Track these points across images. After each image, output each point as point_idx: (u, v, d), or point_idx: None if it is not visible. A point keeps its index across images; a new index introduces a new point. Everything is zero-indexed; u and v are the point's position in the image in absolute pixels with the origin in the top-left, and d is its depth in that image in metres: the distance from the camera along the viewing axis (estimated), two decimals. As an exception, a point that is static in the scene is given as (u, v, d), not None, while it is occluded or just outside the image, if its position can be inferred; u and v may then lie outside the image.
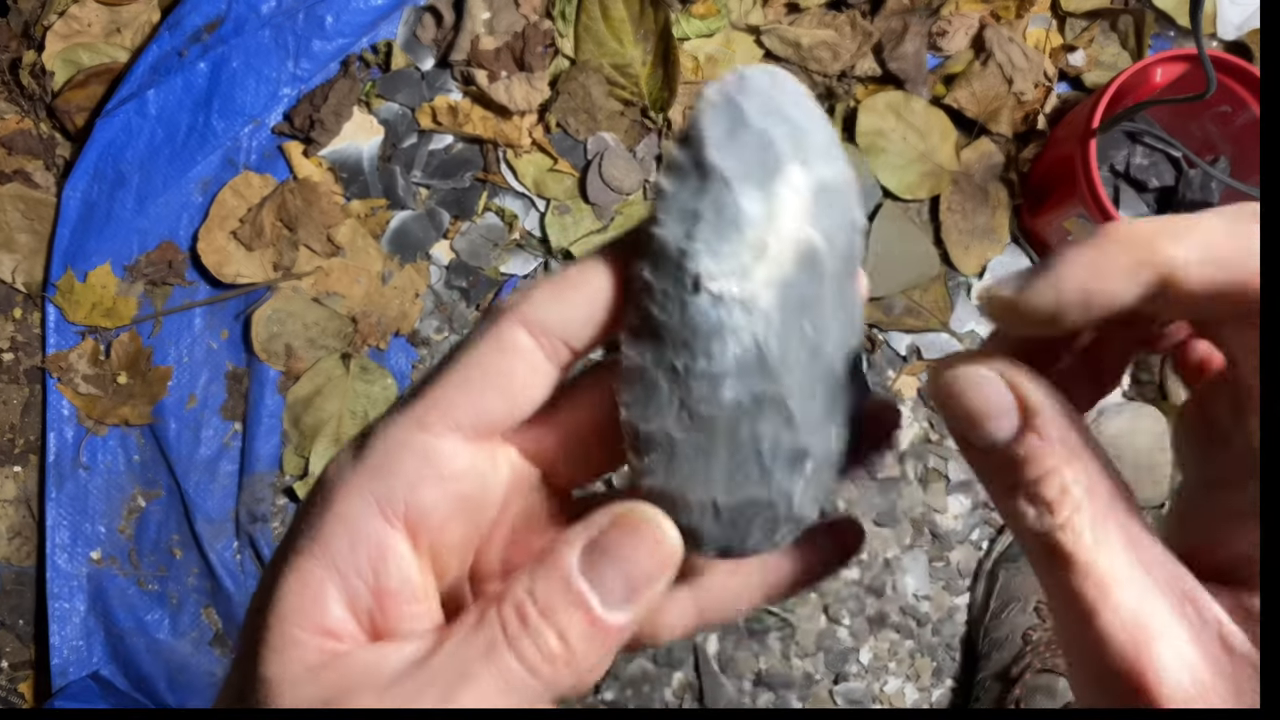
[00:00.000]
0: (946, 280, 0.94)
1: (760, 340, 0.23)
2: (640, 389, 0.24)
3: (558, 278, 0.24)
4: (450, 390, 0.24)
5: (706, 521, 0.24)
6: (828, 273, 0.23)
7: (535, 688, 0.22)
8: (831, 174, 0.23)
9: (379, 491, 0.23)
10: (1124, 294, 0.20)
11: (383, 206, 0.95)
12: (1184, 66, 0.85)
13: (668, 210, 0.23)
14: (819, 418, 0.24)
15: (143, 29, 0.96)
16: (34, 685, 0.92)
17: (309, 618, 0.23)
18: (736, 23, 0.94)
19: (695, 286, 0.22)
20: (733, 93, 0.23)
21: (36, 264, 0.94)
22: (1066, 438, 0.22)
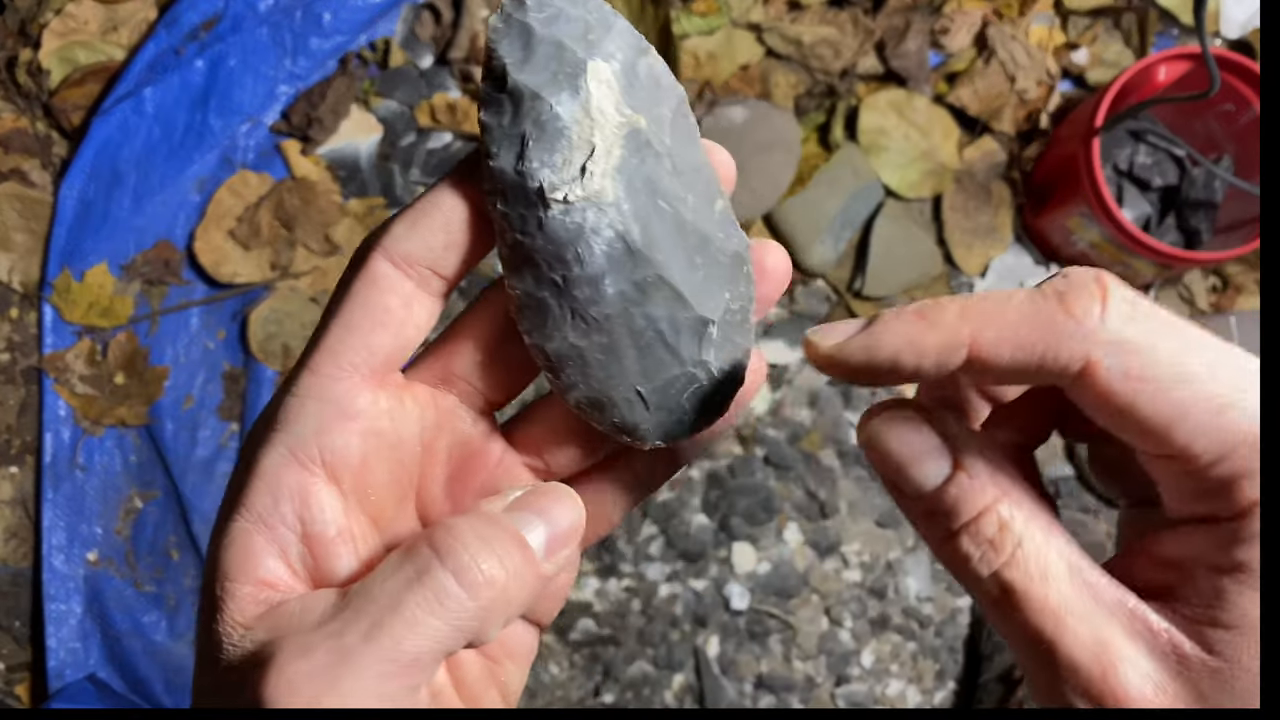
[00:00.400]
0: (949, 280, 0.93)
1: (621, 230, 0.24)
2: (533, 313, 0.25)
3: (412, 208, 0.24)
4: (335, 334, 0.24)
5: (639, 413, 0.26)
6: (661, 148, 0.24)
7: (470, 608, 0.22)
8: (631, 55, 0.24)
9: (290, 442, 0.24)
10: (931, 369, 0.22)
11: (381, 205, 0.94)
12: (1187, 65, 0.84)
13: (495, 141, 0.24)
14: (706, 284, 0.25)
15: (140, 27, 0.95)
16: (30, 687, 0.91)
17: (245, 573, 0.24)
18: (737, 20, 0.94)
19: (543, 202, 0.23)
20: (514, 13, 0.24)
21: (33, 263, 0.93)
22: (997, 475, 0.23)
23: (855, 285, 0.93)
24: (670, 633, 0.89)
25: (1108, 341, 0.21)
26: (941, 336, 0.22)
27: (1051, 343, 0.21)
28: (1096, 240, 0.85)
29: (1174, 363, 0.21)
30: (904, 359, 0.22)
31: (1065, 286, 0.21)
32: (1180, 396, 0.21)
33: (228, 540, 0.24)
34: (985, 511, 0.23)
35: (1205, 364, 0.21)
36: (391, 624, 0.21)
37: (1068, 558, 0.22)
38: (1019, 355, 0.21)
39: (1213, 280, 0.93)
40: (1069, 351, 0.21)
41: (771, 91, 0.93)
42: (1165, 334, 0.21)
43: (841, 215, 0.92)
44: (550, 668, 0.89)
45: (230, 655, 0.23)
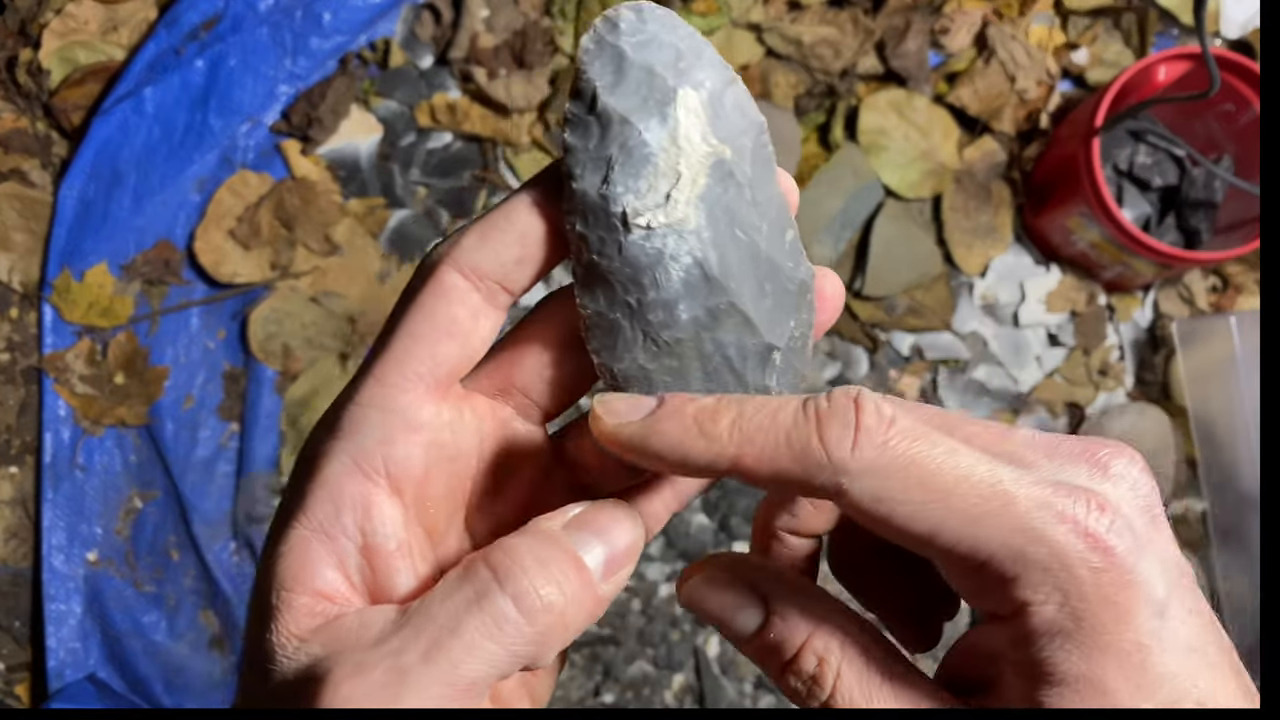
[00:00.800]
0: (949, 280, 0.93)
1: (699, 258, 0.24)
2: (604, 334, 0.25)
3: (484, 221, 0.24)
4: (402, 344, 0.24)
5: None
6: (743, 177, 0.25)
7: (528, 634, 0.22)
8: (719, 85, 0.24)
9: (354, 452, 0.24)
10: (697, 474, 0.23)
11: (381, 205, 0.94)
12: (1187, 65, 0.84)
13: (580, 163, 0.24)
14: (774, 313, 0.26)
15: (140, 27, 0.95)
16: (30, 687, 0.91)
17: (301, 583, 0.23)
18: (737, 20, 0.94)
19: (625, 226, 0.23)
20: (607, 36, 0.24)
21: (33, 263, 0.93)
22: (807, 611, 0.24)
23: (855, 285, 0.93)
24: (670, 633, 0.89)
25: (857, 471, 0.22)
26: (709, 448, 0.23)
27: (805, 469, 0.22)
28: (1096, 240, 0.85)
29: (925, 482, 0.21)
30: (671, 460, 0.23)
31: (825, 411, 0.22)
32: (933, 512, 0.21)
33: (286, 547, 0.24)
34: (802, 649, 0.24)
35: (958, 478, 0.21)
36: (450, 647, 0.21)
37: (889, 675, 0.23)
38: (778, 478, 0.22)
39: (1213, 280, 0.93)
40: (820, 479, 0.22)
41: (771, 91, 0.93)
42: (918, 453, 0.22)
43: (841, 215, 0.92)
44: (550, 668, 0.89)
45: (284, 667, 0.23)
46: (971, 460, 0.22)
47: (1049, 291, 0.93)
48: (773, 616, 0.24)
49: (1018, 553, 0.21)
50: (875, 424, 0.22)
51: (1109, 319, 0.94)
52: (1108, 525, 0.21)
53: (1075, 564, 0.21)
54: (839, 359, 0.93)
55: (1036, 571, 0.21)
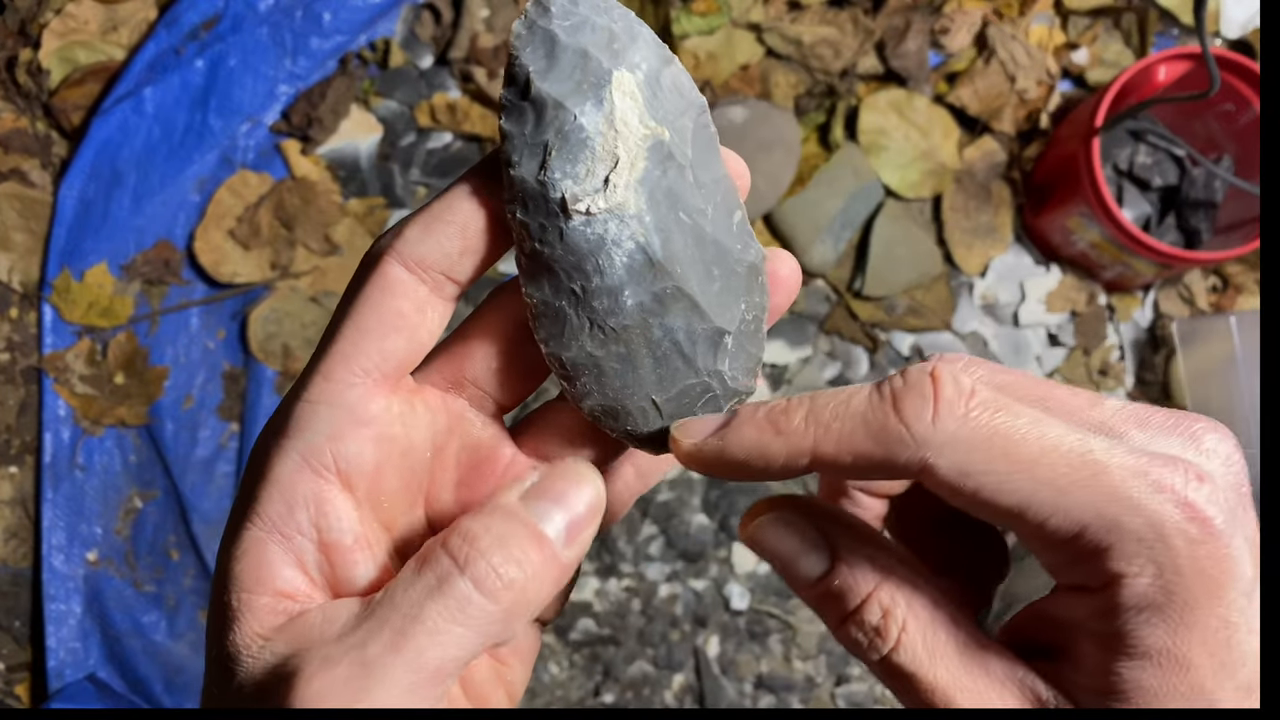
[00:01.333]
0: (949, 280, 0.93)
1: (642, 242, 0.24)
2: (550, 322, 0.24)
3: (426, 213, 0.24)
4: (348, 339, 0.24)
5: (653, 421, 0.26)
6: (684, 159, 0.24)
7: (492, 613, 0.22)
8: (656, 65, 0.24)
9: (302, 449, 0.24)
10: (779, 473, 0.23)
11: (381, 205, 0.94)
12: (1187, 65, 0.84)
13: (517, 150, 0.23)
14: (723, 296, 0.25)
15: (140, 27, 0.95)
16: (30, 687, 0.91)
17: (261, 583, 0.23)
18: (737, 20, 0.94)
19: (565, 213, 0.23)
20: (538, 20, 0.23)
21: (33, 263, 0.93)
22: (876, 562, 0.24)
23: (855, 285, 0.93)
24: (670, 633, 0.89)
25: (940, 443, 0.21)
26: (786, 444, 0.23)
27: (886, 449, 0.22)
28: (1096, 240, 0.85)
29: (1010, 453, 0.21)
30: (753, 463, 0.23)
31: (901, 388, 0.22)
32: (1021, 484, 0.21)
33: (241, 550, 0.24)
34: (868, 599, 0.23)
35: (1044, 449, 0.21)
36: (415, 634, 0.21)
37: (955, 634, 0.23)
38: (860, 462, 0.22)
39: (1213, 280, 0.93)
40: (904, 457, 0.22)
41: (771, 91, 0.93)
42: (1001, 424, 0.21)
43: (841, 215, 0.92)
44: (550, 668, 0.89)
45: (250, 667, 0.23)
46: (1059, 430, 0.21)
47: (1049, 291, 0.93)
48: (839, 564, 0.24)
49: (1112, 522, 0.21)
50: (954, 395, 0.21)
51: (1109, 319, 0.94)
52: (1206, 496, 0.21)
53: (1172, 534, 0.20)
54: (839, 359, 0.93)
55: (1131, 542, 0.21)
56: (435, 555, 0.22)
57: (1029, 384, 0.23)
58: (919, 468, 0.22)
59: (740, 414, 0.24)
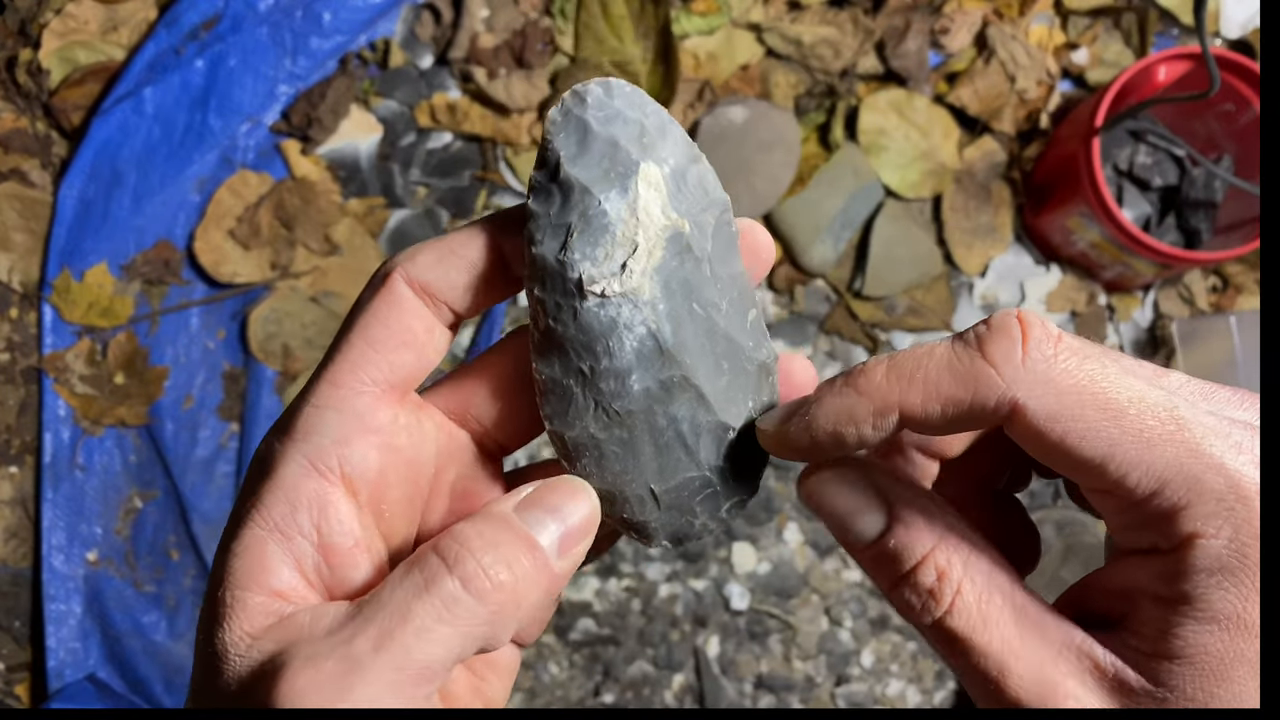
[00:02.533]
0: (949, 280, 0.93)
1: (653, 329, 0.24)
2: (557, 400, 0.25)
3: (441, 242, 0.25)
4: (357, 349, 0.24)
5: (650, 511, 0.26)
6: (701, 253, 0.25)
7: (480, 614, 0.22)
8: (683, 161, 0.25)
9: (309, 452, 0.24)
10: (870, 436, 0.23)
11: (381, 205, 0.94)
12: (1187, 65, 0.84)
13: (541, 229, 0.24)
14: (731, 391, 0.26)
15: (140, 27, 0.95)
16: (30, 687, 0.91)
17: (256, 582, 0.23)
18: (737, 20, 0.94)
19: (581, 292, 0.24)
20: (574, 109, 0.24)
21: (33, 263, 0.93)
22: (933, 523, 0.23)
23: (855, 285, 0.93)
24: (670, 633, 0.89)
25: (1030, 383, 0.21)
26: (872, 404, 0.22)
27: (975, 392, 0.21)
28: (1096, 240, 0.85)
29: (1099, 400, 0.21)
30: (844, 432, 0.23)
31: (985, 332, 0.22)
32: (1108, 433, 0.21)
33: (240, 547, 0.24)
34: (923, 561, 0.23)
35: (1132, 399, 0.21)
36: (402, 633, 0.21)
37: (1012, 599, 0.23)
38: (949, 409, 0.22)
39: (1213, 280, 0.93)
40: (993, 398, 0.21)
41: (771, 91, 0.93)
42: (1090, 371, 0.21)
43: (841, 215, 0.92)
44: (550, 668, 0.89)
45: (237, 665, 0.23)
46: (1143, 385, 0.21)
47: (1049, 291, 0.93)
48: (896, 524, 0.24)
49: (1194, 479, 0.20)
50: (1043, 337, 0.22)
51: (1109, 319, 0.94)
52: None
53: (1252, 496, 0.20)
54: (839, 359, 0.93)
55: (1210, 501, 0.20)
56: (425, 556, 0.22)
57: (1097, 345, 0.23)
58: (1009, 408, 0.21)
59: (817, 391, 0.23)
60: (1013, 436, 0.22)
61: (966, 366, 0.22)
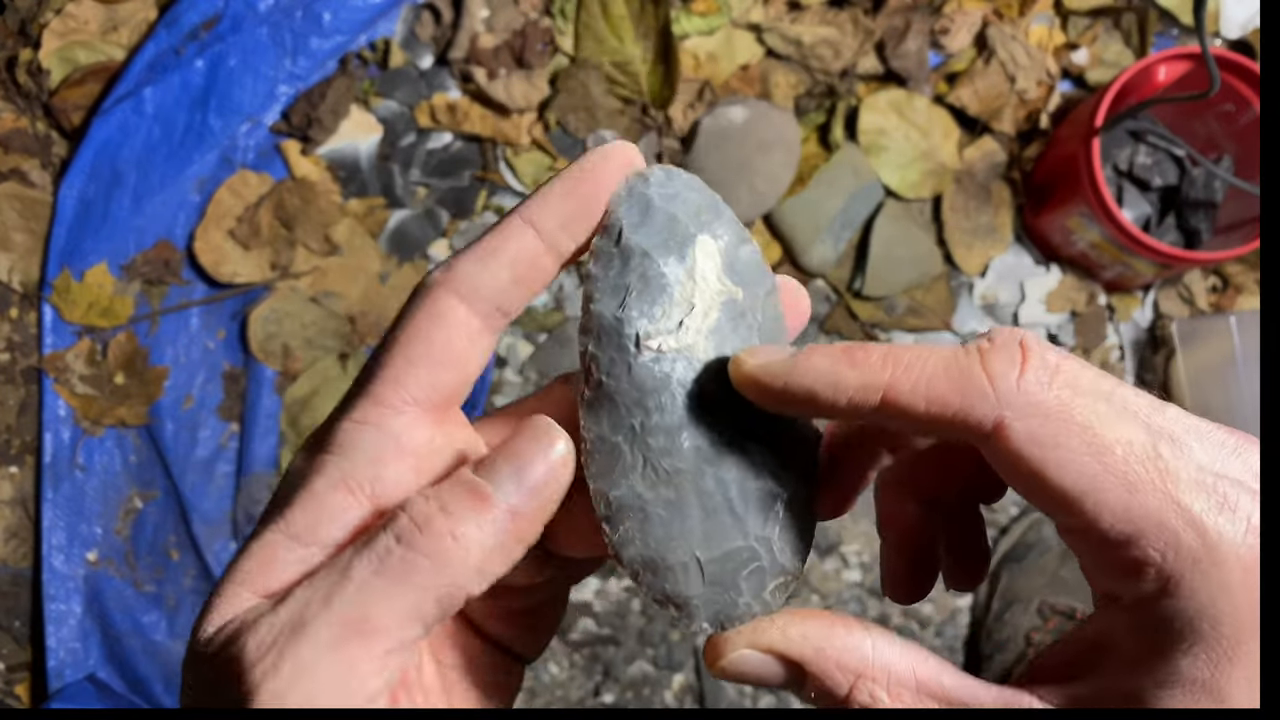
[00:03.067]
0: (949, 280, 0.93)
1: (707, 388, 0.25)
2: (604, 457, 0.25)
3: (480, 246, 0.25)
4: (399, 365, 0.24)
5: (693, 583, 0.25)
6: (754, 322, 0.25)
7: (420, 564, 0.22)
8: (735, 238, 0.26)
9: (345, 468, 0.24)
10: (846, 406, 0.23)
11: (381, 205, 0.94)
12: (1187, 65, 0.84)
13: (600, 289, 0.25)
14: (780, 459, 0.26)
15: (140, 27, 0.95)
16: (30, 687, 0.91)
17: (253, 580, 0.23)
18: (737, 20, 0.94)
19: (637, 346, 0.24)
20: (638, 186, 0.25)
21: (33, 263, 0.93)
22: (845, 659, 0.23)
23: (855, 285, 0.93)
24: (670, 633, 0.89)
25: (1021, 404, 0.21)
26: (860, 377, 0.22)
27: (965, 398, 0.21)
28: (1096, 240, 0.85)
29: (1086, 433, 0.20)
30: (821, 392, 0.23)
31: (988, 346, 0.22)
32: (1090, 468, 0.20)
33: (255, 547, 0.24)
34: (852, 690, 0.23)
35: (1119, 440, 0.20)
36: (342, 590, 0.21)
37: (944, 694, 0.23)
38: (934, 408, 0.22)
39: (1213, 280, 0.93)
40: (981, 409, 0.21)
41: (771, 91, 0.93)
42: (1083, 406, 0.21)
43: (841, 215, 0.92)
44: (550, 668, 0.89)
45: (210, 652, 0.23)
46: (1135, 426, 0.21)
47: (1049, 291, 0.93)
48: (809, 678, 0.24)
49: (1170, 534, 0.20)
50: (1042, 364, 0.21)
51: (1109, 319, 0.94)
52: None
53: (1230, 559, 0.20)
54: (839, 359, 0.93)
55: (1185, 560, 0.20)
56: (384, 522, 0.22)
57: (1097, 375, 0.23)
58: (993, 425, 0.21)
59: (810, 347, 0.23)
60: (991, 459, 0.22)
61: (963, 372, 0.21)
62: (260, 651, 0.21)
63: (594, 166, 0.25)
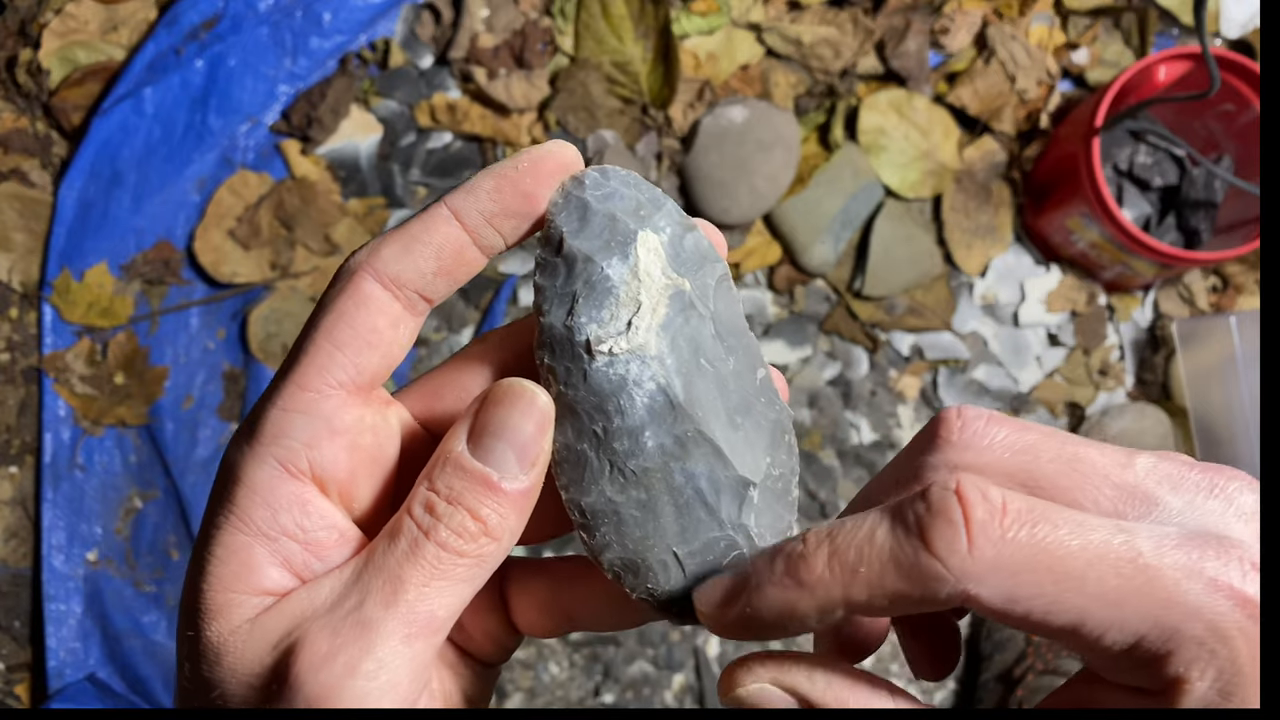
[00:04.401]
0: (949, 280, 0.93)
1: (663, 383, 0.24)
2: (571, 467, 0.25)
3: (404, 232, 0.25)
4: (324, 350, 0.24)
5: (674, 577, 0.25)
6: (705, 310, 0.25)
7: (467, 565, 0.23)
8: (679, 229, 0.26)
9: (280, 455, 0.24)
10: (815, 627, 0.22)
11: (381, 205, 0.94)
12: (1187, 65, 0.84)
13: (548, 300, 0.25)
14: (747, 446, 0.26)
15: (140, 27, 0.95)
16: (30, 687, 0.91)
17: (245, 583, 0.24)
18: (737, 20, 0.94)
19: (589, 353, 0.24)
20: (573, 190, 0.25)
21: (33, 263, 0.93)
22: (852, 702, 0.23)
23: (855, 285, 0.93)
24: (670, 633, 0.89)
25: (980, 574, 0.20)
26: (815, 601, 0.22)
27: (924, 588, 0.21)
28: (1096, 240, 0.85)
29: (1056, 571, 0.20)
30: (787, 624, 0.22)
31: (926, 515, 0.21)
32: (1073, 603, 0.20)
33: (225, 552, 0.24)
34: None
35: (1091, 560, 0.20)
36: (403, 594, 0.23)
37: None
38: (897, 604, 0.21)
39: (1213, 280, 0.93)
40: (943, 592, 0.20)
41: (771, 91, 0.93)
42: (1042, 537, 0.20)
43: (841, 215, 0.92)
44: (550, 668, 0.89)
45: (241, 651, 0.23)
46: (1102, 532, 0.20)
47: (1049, 291, 0.93)
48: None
49: (1171, 630, 0.20)
50: (987, 516, 0.20)
51: (1109, 319, 0.94)
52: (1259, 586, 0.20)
53: (1234, 636, 0.20)
54: (839, 359, 0.93)
55: (1192, 647, 0.20)
56: (405, 524, 0.23)
57: (1056, 445, 0.22)
58: (961, 600, 0.20)
59: (756, 571, 0.23)
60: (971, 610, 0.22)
61: (911, 560, 0.20)
62: (341, 651, 0.22)
63: (529, 165, 0.25)
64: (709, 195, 0.90)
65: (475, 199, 0.25)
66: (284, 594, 0.24)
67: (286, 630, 0.23)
